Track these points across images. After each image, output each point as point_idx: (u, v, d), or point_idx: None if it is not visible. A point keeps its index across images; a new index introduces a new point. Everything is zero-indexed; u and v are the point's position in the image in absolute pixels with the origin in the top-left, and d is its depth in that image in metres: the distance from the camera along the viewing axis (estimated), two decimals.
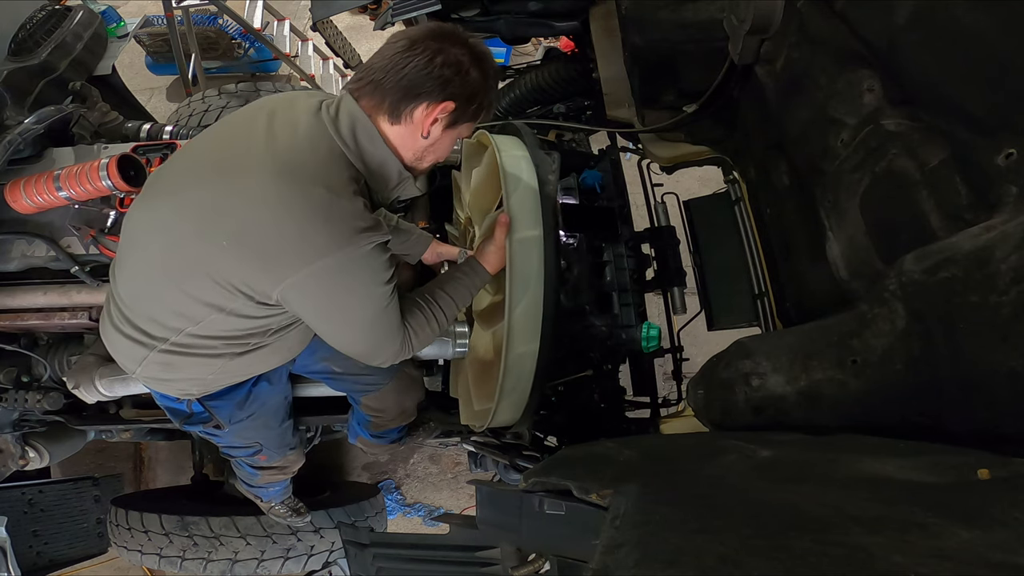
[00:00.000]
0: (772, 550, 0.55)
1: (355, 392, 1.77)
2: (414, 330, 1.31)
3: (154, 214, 1.21)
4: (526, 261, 1.38)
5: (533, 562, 1.06)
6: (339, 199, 1.11)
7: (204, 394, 1.47)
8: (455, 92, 1.16)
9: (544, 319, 1.38)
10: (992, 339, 0.77)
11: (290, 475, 2.09)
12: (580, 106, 2.56)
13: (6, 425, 1.97)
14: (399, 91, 1.15)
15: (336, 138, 1.15)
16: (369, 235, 1.12)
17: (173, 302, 1.21)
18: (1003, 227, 0.80)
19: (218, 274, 1.15)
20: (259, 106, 1.26)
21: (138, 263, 1.26)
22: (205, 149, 1.24)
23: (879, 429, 0.91)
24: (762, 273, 1.73)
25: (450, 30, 1.18)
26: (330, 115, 1.17)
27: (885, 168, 1.07)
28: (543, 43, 3.94)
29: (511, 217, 1.39)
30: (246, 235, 1.11)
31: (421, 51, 1.13)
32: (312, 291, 1.16)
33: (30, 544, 2.44)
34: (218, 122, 1.32)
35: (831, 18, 1.20)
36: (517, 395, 1.45)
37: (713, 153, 1.97)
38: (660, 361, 1.89)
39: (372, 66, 1.18)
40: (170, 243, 1.18)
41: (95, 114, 2.02)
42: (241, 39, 4.14)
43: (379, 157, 1.19)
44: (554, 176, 1.50)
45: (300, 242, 1.10)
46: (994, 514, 0.60)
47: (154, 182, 1.29)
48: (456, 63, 1.15)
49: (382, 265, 1.18)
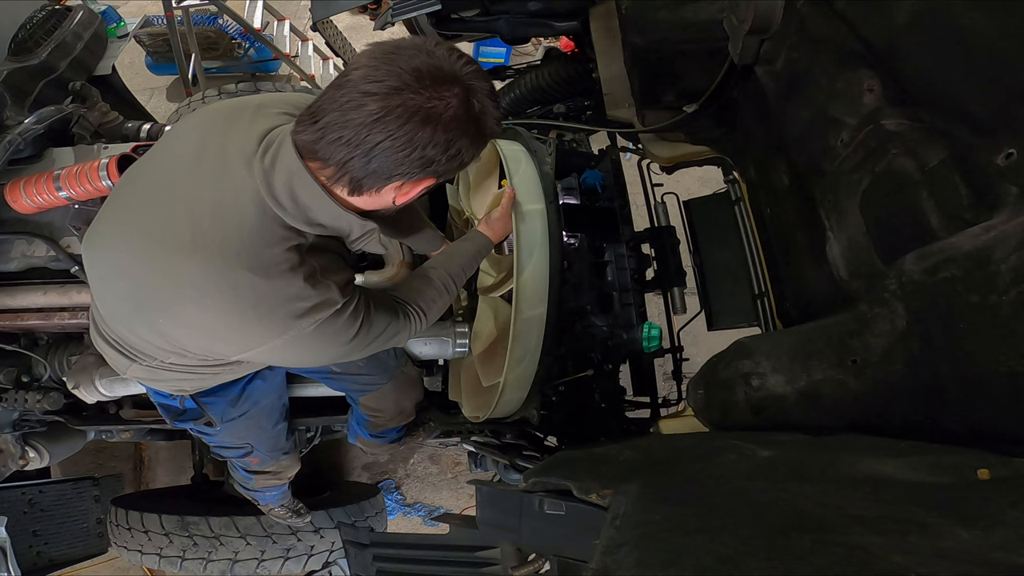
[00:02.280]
0: (772, 550, 0.55)
1: (353, 392, 1.77)
2: (426, 303, 1.27)
3: (103, 255, 1.11)
4: (531, 230, 1.47)
5: (533, 562, 1.06)
6: (271, 282, 0.96)
7: (198, 391, 1.46)
8: (438, 170, 0.95)
9: (551, 282, 1.46)
10: (992, 339, 0.77)
11: (285, 480, 2.08)
12: (580, 106, 2.56)
13: (6, 425, 1.97)
14: (364, 172, 0.92)
15: (270, 200, 0.95)
16: (314, 315, 1.00)
17: (144, 343, 1.18)
18: (1003, 227, 0.80)
19: (174, 340, 1.11)
20: (196, 124, 1.08)
21: (102, 297, 1.19)
22: (142, 185, 1.09)
23: (879, 429, 0.91)
24: (762, 273, 1.73)
25: (442, 70, 0.89)
26: (264, 167, 0.94)
27: (885, 168, 1.07)
28: (543, 43, 3.94)
29: (516, 194, 1.47)
30: (180, 316, 1.03)
31: (397, 125, 0.87)
32: (278, 357, 1.11)
33: (30, 544, 2.43)
34: (166, 135, 1.17)
35: (831, 18, 1.20)
36: (526, 365, 1.48)
37: (713, 153, 1.97)
38: (660, 361, 1.89)
39: (327, 126, 0.90)
40: (126, 302, 1.11)
41: (95, 114, 2.01)
42: (241, 39, 4.14)
43: (329, 215, 0.99)
44: (551, 159, 1.58)
45: (238, 329, 1.02)
46: (994, 514, 0.60)
47: (107, 205, 1.15)
48: (444, 138, 0.89)
49: (342, 327, 1.05)
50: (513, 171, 1.53)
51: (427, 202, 2.09)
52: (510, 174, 1.52)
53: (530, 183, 1.54)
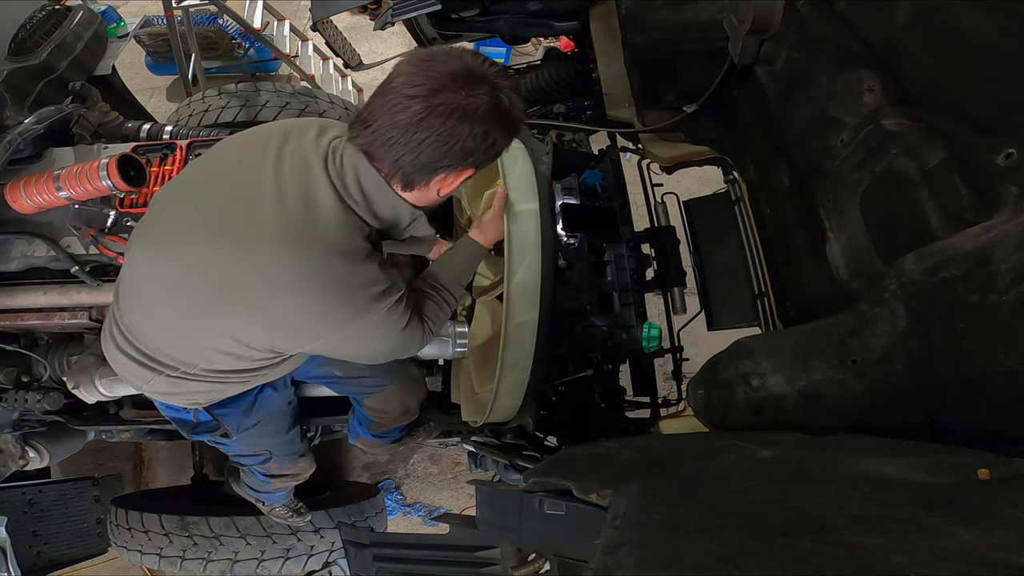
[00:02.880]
0: (772, 550, 0.55)
1: (358, 395, 1.77)
2: (431, 319, 1.32)
3: (167, 266, 1.15)
4: (523, 231, 1.45)
5: (533, 562, 1.06)
6: (356, 267, 1.08)
7: (211, 403, 1.48)
8: (477, 160, 1.08)
9: (542, 287, 1.43)
10: (992, 339, 0.77)
11: (301, 481, 2.09)
12: (580, 106, 2.56)
13: (6, 425, 1.97)
14: (414, 167, 1.06)
15: (345, 196, 1.08)
16: (387, 298, 1.12)
17: (190, 350, 1.22)
18: (1003, 227, 0.80)
19: (241, 336, 1.16)
20: (265, 139, 1.16)
21: (154, 309, 1.21)
22: (211, 190, 1.15)
23: (879, 429, 0.91)
24: (762, 273, 1.72)
25: (472, 72, 1.01)
26: (336, 168, 1.08)
27: (885, 168, 1.07)
28: (543, 43, 3.94)
29: (508, 191, 1.44)
30: (268, 307, 1.10)
31: (440, 122, 1.00)
32: (336, 347, 1.21)
33: (30, 544, 2.43)
34: (219, 150, 1.23)
35: (831, 18, 1.20)
36: (518, 373, 1.47)
37: (713, 153, 1.97)
38: (660, 361, 1.89)
39: (379, 129, 1.04)
40: (191, 302, 1.14)
41: (95, 114, 2.01)
42: (241, 39, 4.14)
43: (390, 206, 1.13)
44: (547, 158, 1.56)
45: (322, 315, 1.11)
46: (994, 514, 0.60)
47: (157, 220, 1.21)
48: (482, 130, 1.02)
49: (400, 315, 1.18)
50: (508, 168, 1.50)
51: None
52: (504, 172, 1.49)
53: (524, 182, 1.51)
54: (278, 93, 2.64)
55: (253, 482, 2.03)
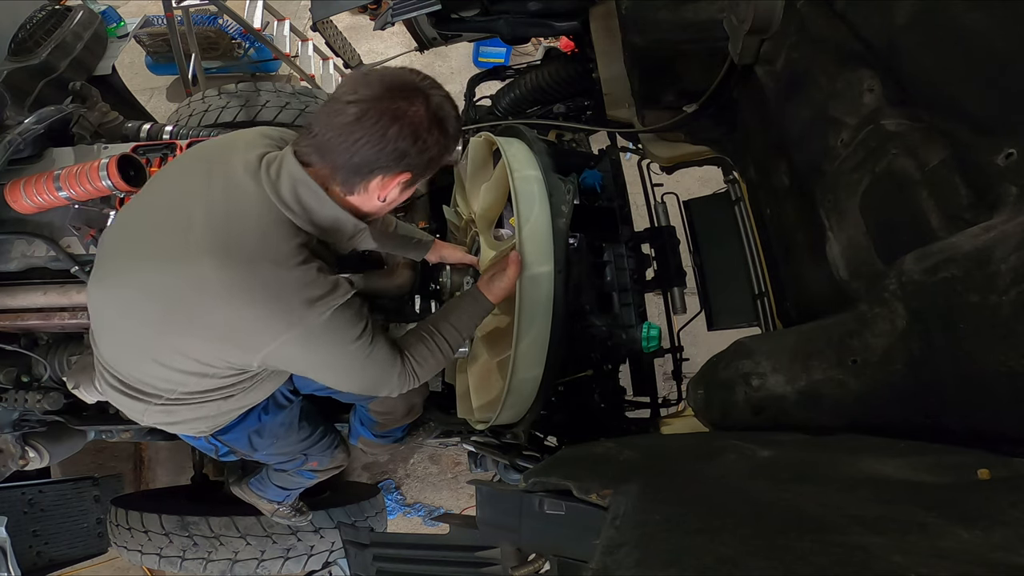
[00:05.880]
0: (772, 550, 0.55)
1: (361, 400, 1.79)
2: (418, 361, 1.32)
3: (119, 294, 1.20)
4: (535, 296, 1.40)
5: (533, 562, 1.06)
6: (287, 273, 1.08)
7: (215, 430, 1.49)
8: (411, 163, 1.11)
9: (550, 350, 1.41)
10: (992, 339, 0.77)
11: (341, 470, 2.10)
12: (580, 106, 2.55)
13: (6, 425, 1.97)
14: (350, 168, 1.10)
15: (278, 204, 1.10)
16: (324, 303, 1.11)
17: (158, 374, 1.24)
18: (1003, 227, 0.80)
19: (192, 353, 1.18)
20: (194, 158, 1.22)
21: (116, 338, 1.28)
22: (147, 218, 1.21)
23: (879, 429, 0.91)
24: (762, 273, 1.72)
25: (407, 83, 1.09)
26: (271, 178, 1.10)
27: (885, 168, 1.07)
28: (543, 43, 3.94)
29: (522, 253, 1.39)
30: (204, 320, 1.12)
31: (372, 123, 1.06)
32: (288, 356, 1.19)
33: (30, 544, 2.43)
34: (157, 179, 1.27)
35: (831, 18, 1.20)
36: (518, 408, 1.50)
37: (713, 153, 1.97)
38: (660, 361, 1.88)
39: (319, 133, 1.10)
40: (142, 325, 1.18)
41: (95, 114, 2.01)
42: (241, 39, 4.14)
43: (330, 216, 1.14)
44: (567, 208, 1.47)
45: (259, 323, 1.11)
46: (994, 514, 0.60)
47: (106, 251, 1.27)
48: (412, 132, 1.07)
49: (347, 323, 1.16)
50: (524, 217, 1.40)
51: (427, 204, 2.10)
52: (519, 221, 1.40)
53: (540, 238, 1.42)
54: (278, 93, 2.64)
55: (298, 480, 2.03)
